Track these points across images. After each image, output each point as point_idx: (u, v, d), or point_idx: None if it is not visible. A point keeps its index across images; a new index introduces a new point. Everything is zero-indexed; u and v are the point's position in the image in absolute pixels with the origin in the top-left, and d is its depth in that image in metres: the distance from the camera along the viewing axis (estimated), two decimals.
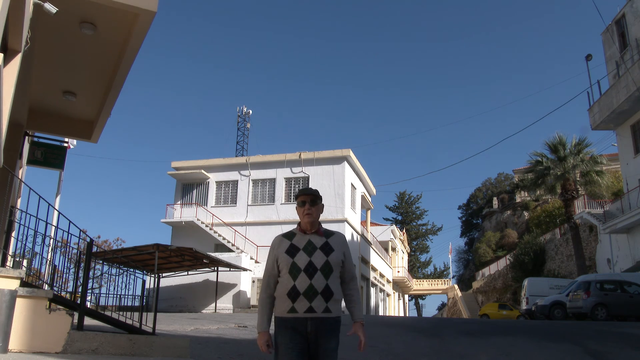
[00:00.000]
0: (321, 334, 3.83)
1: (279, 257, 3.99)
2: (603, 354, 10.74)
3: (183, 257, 26.33)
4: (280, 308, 3.93)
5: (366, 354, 10.01)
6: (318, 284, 3.86)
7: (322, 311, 3.84)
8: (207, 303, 30.16)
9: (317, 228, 4.08)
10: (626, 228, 30.77)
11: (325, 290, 3.87)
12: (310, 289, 3.84)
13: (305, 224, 4.05)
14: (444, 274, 79.19)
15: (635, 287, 22.64)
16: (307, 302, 3.83)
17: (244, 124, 46.92)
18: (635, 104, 30.42)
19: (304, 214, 4.05)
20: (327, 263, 3.92)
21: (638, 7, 31.97)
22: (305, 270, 3.88)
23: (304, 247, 3.97)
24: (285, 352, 3.81)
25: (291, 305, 3.85)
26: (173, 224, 36.19)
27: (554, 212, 51.00)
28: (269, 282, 4.04)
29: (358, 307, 4.05)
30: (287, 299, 3.88)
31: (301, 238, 4.03)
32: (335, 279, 3.95)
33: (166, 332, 11.85)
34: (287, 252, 3.96)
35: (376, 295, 45.42)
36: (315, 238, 4.03)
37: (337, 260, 3.98)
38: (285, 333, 3.84)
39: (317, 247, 3.97)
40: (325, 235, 4.07)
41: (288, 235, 4.09)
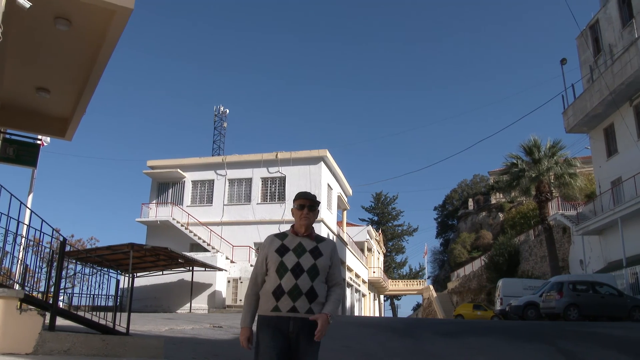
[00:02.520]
0: (303, 334, 3.84)
1: (268, 256, 4.02)
2: (575, 353, 10.89)
3: (158, 256, 26.11)
4: (264, 306, 3.95)
5: (341, 354, 10.01)
6: (303, 284, 3.88)
7: (305, 312, 3.85)
8: (182, 303, 29.92)
9: (310, 232, 4.14)
10: (598, 230, 31.25)
11: (310, 291, 3.90)
12: (295, 289, 3.87)
13: (301, 226, 4.11)
14: (419, 274, 79.63)
15: (606, 288, 22.99)
16: (290, 301, 3.85)
17: (221, 123, 46.72)
18: (608, 108, 30.90)
19: (301, 217, 4.10)
20: (314, 266, 3.96)
21: (611, 14, 32.48)
22: (292, 271, 3.90)
23: (294, 248, 4.01)
24: (266, 351, 3.81)
25: (275, 303, 3.87)
26: (148, 223, 35.88)
27: (529, 213, 51.57)
28: (256, 280, 4.07)
29: (333, 304, 4.02)
30: (271, 297, 3.90)
31: (293, 239, 4.07)
32: (320, 283, 3.98)
33: (140, 333, 11.73)
34: (277, 251, 3.99)
35: (352, 295, 45.47)
36: (306, 241, 4.07)
37: (325, 265, 4.02)
38: (267, 332, 3.84)
39: (307, 250, 4.01)
40: (317, 240, 4.13)
41: (280, 236, 4.13)
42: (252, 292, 4.06)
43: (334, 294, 4.08)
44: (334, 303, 4.06)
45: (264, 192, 35.90)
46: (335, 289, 4.11)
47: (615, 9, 32.08)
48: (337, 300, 4.11)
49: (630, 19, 30.45)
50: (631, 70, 27.54)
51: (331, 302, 4.02)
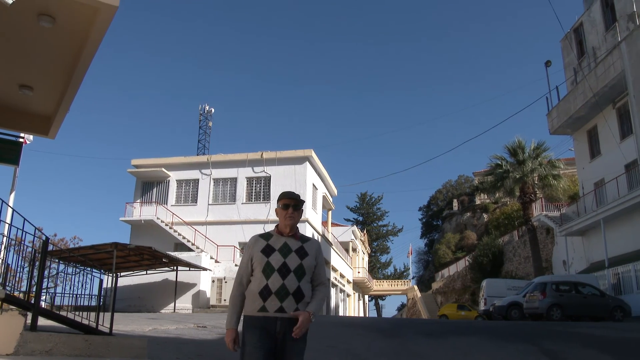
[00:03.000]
0: (289, 335, 3.83)
1: (253, 256, 4.01)
2: (557, 353, 10.98)
3: (142, 256, 25.96)
4: (250, 307, 3.93)
5: (325, 354, 10.01)
6: (290, 284, 3.88)
7: (292, 312, 3.85)
8: (166, 303, 29.78)
9: (295, 232, 4.13)
10: (581, 231, 31.51)
11: (297, 291, 3.90)
12: (282, 289, 3.86)
13: (286, 226, 4.10)
14: (403, 274, 79.82)
15: (589, 288, 23.21)
16: (278, 301, 3.84)
17: (206, 123, 46.53)
18: (591, 110, 31.18)
19: (285, 217, 4.09)
20: (300, 266, 3.96)
21: (595, 17, 32.79)
22: (279, 271, 3.90)
23: (279, 248, 4.00)
24: (252, 351, 3.79)
25: (262, 304, 3.86)
26: (132, 222, 35.67)
27: (513, 214, 51.87)
28: (241, 281, 4.06)
29: (317, 302, 4.03)
30: (258, 298, 3.88)
31: (278, 239, 4.06)
32: (307, 283, 3.99)
33: (123, 333, 11.65)
34: (263, 252, 3.98)
35: (336, 295, 45.51)
36: (291, 241, 4.06)
37: (310, 265, 4.03)
38: (254, 332, 3.83)
39: (293, 250, 4.01)
40: (302, 240, 4.13)
41: (265, 236, 4.12)
42: (238, 293, 4.04)
43: (319, 293, 4.09)
44: (318, 302, 4.06)
45: (249, 192, 35.82)
46: (320, 288, 4.12)
47: (598, 13, 32.39)
48: (322, 300, 4.11)
49: (614, 22, 30.77)
50: (614, 73, 27.81)
51: (315, 300, 4.03)
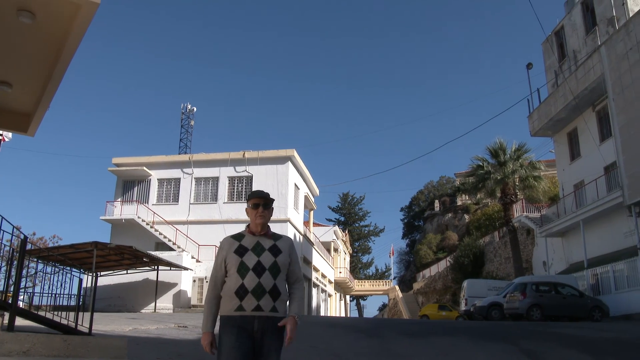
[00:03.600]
0: (267, 333, 3.84)
1: (227, 257, 4.00)
2: (537, 352, 11.07)
3: (122, 255, 25.74)
4: (226, 307, 3.92)
5: (307, 354, 9.99)
6: (266, 282, 3.88)
7: (269, 310, 3.86)
8: (147, 302, 29.57)
9: (266, 230, 4.13)
10: (561, 232, 31.81)
11: (273, 289, 3.90)
12: (258, 287, 3.86)
13: (257, 225, 4.10)
14: (385, 275, 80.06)
15: (568, 289, 23.45)
16: (255, 300, 3.84)
17: (188, 121, 46.26)
18: (571, 112, 31.49)
19: (256, 216, 4.09)
20: (275, 264, 3.96)
21: (576, 21, 33.13)
22: (254, 269, 3.90)
23: (252, 247, 4.00)
24: (230, 351, 3.78)
25: (239, 303, 3.85)
26: (113, 221, 35.36)
27: (494, 215, 52.22)
28: (216, 283, 4.05)
29: (298, 303, 4.06)
30: (234, 297, 3.87)
31: (250, 239, 4.07)
32: (282, 280, 4.00)
33: (103, 333, 11.55)
34: (236, 252, 3.97)
35: (318, 295, 45.51)
36: (263, 240, 4.07)
37: (285, 262, 4.03)
38: (232, 332, 3.82)
39: (266, 248, 4.02)
40: (274, 238, 4.13)
41: (237, 237, 4.12)
42: (213, 296, 4.03)
43: (297, 292, 4.11)
44: (299, 303, 4.07)
45: (231, 191, 35.68)
46: (297, 287, 4.13)
47: (579, 16, 32.73)
48: (302, 299, 4.13)
49: (594, 26, 31.11)
50: (594, 76, 28.12)
51: (296, 302, 4.05)
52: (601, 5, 30.34)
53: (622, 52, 25.28)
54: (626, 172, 24.61)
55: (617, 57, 25.66)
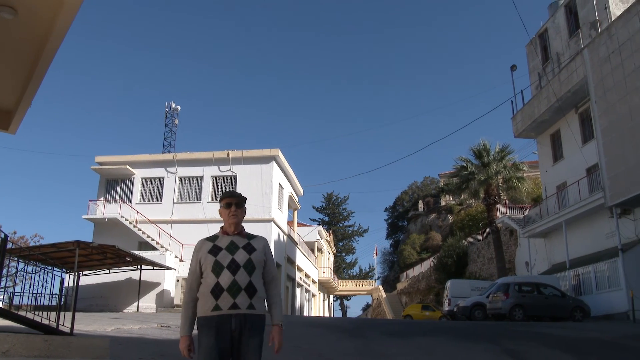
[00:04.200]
0: (245, 331, 3.82)
1: (202, 258, 3.99)
2: (519, 352, 11.13)
3: (105, 254, 25.55)
4: (203, 307, 3.89)
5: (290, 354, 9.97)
6: (241, 279, 3.87)
7: (246, 307, 3.84)
8: (130, 302, 29.39)
9: (240, 230, 4.13)
10: (544, 233, 32.06)
11: (249, 286, 3.88)
12: (234, 285, 3.84)
13: (230, 225, 4.10)
14: (369, 275, 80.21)
15: (550, 289, 23.64)
16: (230, 298, 3.82)
17: (172, 120, 46.07)
18: (555, 114, 31.76)
19: (229, 216, 4.09)
20: (249, 261, 3.95)
21: (559, 23, 33.41)
22: (229, 267, 3.89)
23: (226, 246, 3.99)
24: (208, 352, 3.76)
25: (215, 302, 3.83)
26: (95, 220, 35.10)
27: (477, 216, 52.50)
28: (192, 285, 4.03)
29: (278, 309, 4.08)
30: (210, 297, 3.85)
31: (224, 239, 4.06)
32: (258, 277, 3.98)
33: (85, 333, 11.45)
34: (210, 252, 3.96)
35: (301, 295, 45.50)
36: (237, 239, 4.07)
37: (260, 259, 4.02)
38: (210, 333, 3.79)
39: (240, 246, 4.01)
40: (248, 237, 4.13)
41: (211, 238, 4.11)
42: (190, 299, 4.01)
43: (276, 295, 4.12)
44: (279, 306, 4.09)
45: (215, 191, 35.56)
46: (274, 287, 4.13)
47: (563, 19, 33.02)
48: (280, 302, 4.14)
49: (577, 29, 31.39)
50: (577, 79, 28.37)
51: (277, 307, 4.07)
52: (584, 8, 30.62)
53: (604, 55, 25.53)
54: (608, 173, 24.86)
55: (599, 60, 25.91)
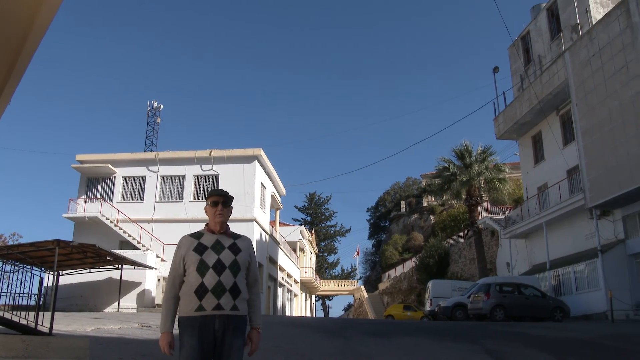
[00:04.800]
0: (228, 331, 3.80)
1: (185, 256, 3.94)
2: (499, 352, 11.20)
3: (85, 254, 25.26)
4: (186, 307, 3.85)
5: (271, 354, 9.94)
6: (226, 281, 3.84)
7: (230, 308, 3.81)
8: (110, 302, 29.15)
9: (226, 229, 4.09)
10: (525, 233, 32.32)
11: (234, 287, 3.86)
12: (218, 286, 3.81)
13: (216, 224, 4.05)
14: (351, 275, 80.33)
15: (531, 290, 23.83)
16: (215, 299, 3.79)
17: (154, 119, 45.76)
18: (536, 116, 32.02)
19: (215, 215, 4.04)
20: (235, 262, 3.92)
21: (541, 26, 33.70)
22: (214, 267, 3.85)
23: (212, 245, 3.95)
24: (190, 352, 3.73)
25: (199, 303, 3.80)
26: (76, 219, 34.75)
27: (459, 216, 52.79)
28: (174, 282, 3.98)
29: (258, 312, 4.08)
30: (194, 297, 3.82)
31: (209, 237, 4.01)
32: (242, 279, 3.95)
33: (64, 333, 11.32)
34: (195, 250, 3.92)
35: (283, 295, 45.43)
36: (223, 238, 4.03)
37: (245, 260, 4.00)
38: (193, 333, 3.76)
39: (226, 246, 3.97)
40: (233, 237, 4.09)
41: (196, 235, 4.06)
42: (171, 295, 3.96)
43: (257, 298, 4.11)
44: (259, 309, 4.11)
45: (197, 190, 35.39)
46: (256, 289, 4.12)
47: (544, 22, 33.31)
48: (260, 304, 4.15)
49: (559, 32, 31.69)
50: (558, 81, 28.63)
51: (257, 311, 4.08)
52: (565, 12, 30.92)
53: (585, 59, 25.79)
54: (588, 175, 25.12)
55: (580, 63, 26.17)
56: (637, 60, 22.39)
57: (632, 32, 22.73)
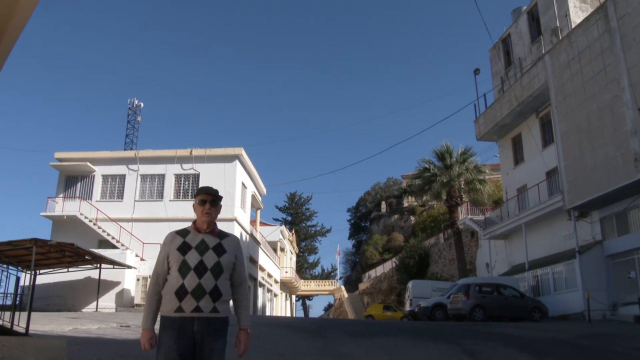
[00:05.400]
0: (207, 334, 3.76)
1: (170, 254, 3.90)
2: (478, 352, 11.27)
3: (63, 253, 25.01)
4: (166, 307, 3.82)
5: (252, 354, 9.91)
6: (207, 283, 3.80)
7: (209, 311, 3.78)
8: (89, 301, 28.87)
9: (213, 228, 4.03)
10: (504, 234, 32.59)
11: (214, 290, 3.82)
12: (198, 288, 3.77)
13: (203, 223, 4.00)
14: (331, 275, 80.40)
15: (510, 290, 24.02)
16: (194, 301, 3.75)
17: (135, 117, 45.38)
18: (516, 118, 32.29)
19: (202, 213, 3.99)
20: (218, 264, 3.87)
21: (522, 29, 33.99)
22: (195, 269, 3.81)
23: (196, 245, 3.90)
24: (167, 352, 3.70)
25: (178, 304, 3.77)
26: (54, 218, 34.36)
27: (439, 217, 53.03)
28: (157, 279, 3.94)
29: (245, 313, 4.03)
30: (174, 298, 3.78)
31: (195, 236, 3.97)
32: (224, 281, 3.91)
33: (41, 333, 11.18)
34: (179, 250, 3.88)
35: (263, 295, 45.32)
36: (208, 238, 3.97)
37: (229, 262, 3.95)
38: (171, 334, 3.73)
39: (210, 247, 3.92)
40: (220, 236, 4.03)
41: (181, 233, 4.01)
42: (154, 292, 3.93)
43: (244, 299, 4.07)
44: (247, 310, 4.06)
45: (177, 189, 35.18)
46: (243, 290, 4.08)
47: (525, 25, 33.60)
48: (248, 306, 4.10)
49: (539, 35, 31.99)
50: (538, 84, 28.90)
51: (245, 311, 4.03)
52: (546, 15, 31.20)
53: (564, 62, 26.06)
54: (566, 177, 25.39)
55: (560, 66, 26.44)
56: (615, 64, 22.68)
57: (610, 37, 23.01)
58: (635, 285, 22.63)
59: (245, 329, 3.97)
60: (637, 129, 21.19)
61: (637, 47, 21.51)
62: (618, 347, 12.30)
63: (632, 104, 21.51)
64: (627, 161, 21.54)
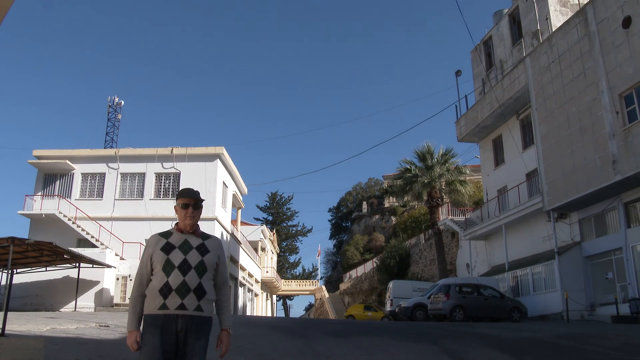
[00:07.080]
0: (191, 332, 3.77)
1: (153, 255, 3.92)
2: (458, 352, 11.32)
3: (41, 252, 24.74)
4: (150, 305, 3.83)
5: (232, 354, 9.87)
6: (191, 281, 3.82)
7: (193, 309, 3.79)
8: (67, 301, 28.57)
9: (195, 229, 4.07)
10: (484, 235, 32.80)
11: (198, 288, 3.83)
12: (183, 286, 3.79)
13: (185, 225, 4.03)
14: (312, 275, 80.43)
15: (490, 291, 24.18)
16: (178, 298, 3.77)
17: (115, 115, 45.02)
18: (497, 120, 32.54)
19: (185, 217, 4.02)
20: (201, 262, 3.90)
21: (503, 32, 34.25)
22: (179, 268, 3.83)
23: (179, 245, 3.93)
24: (151, 351, 3.70)
25: (162, 301, 3.78)
26: (32, 216, 33.95)
27: (420, 218, 53.24)
28: (141, 281, 3.95)
29: (227, 314, 4.07)
30: (158, 296, 3.80)
31: (178, 237, 3.99)
32: (208, 280, 3.93)
33: (18, 333, 11.06)
34: (162, 250, 3.90)
35: (244, 294, 45.21)
36: (192, 238, 4.01)
37: (212, 261, 3.97)
38: (155, 332, 3.74)
39: (193, 246, 3.95)
40: (202, 237, 4.07)
41: (164, 234, 4.04)
42: (138, 294, 3.93)
43: (226, 300, 4.09)
44: (229, 310, 4.09)
45: (158, 188, 34.95)
46: (225, 291, 4.11)
47: (506, 28, 33.87)
48: (230, 305, 4.13)
49: (520, 38, 32.26)
50: (519, 86, 29.14)
51: (227, 312, 4.06)
52: (527, 18, 31.48)
53: (545, 64, 26.30)
54: (546, 179, 25.62)
55: (540, 69, 26.68)
56: (594, 68, 22.94)
57: (590, 40, 23.26)
58: (612, 286, 22.92)
59: (227, 330, 4.00)
60: (615, 132, 21.45)
61: (616, 51, 21.77)
62: (595, 347, 12.43)
63: (610, 107, 21.77)
64: (606, 163, 21.79)
